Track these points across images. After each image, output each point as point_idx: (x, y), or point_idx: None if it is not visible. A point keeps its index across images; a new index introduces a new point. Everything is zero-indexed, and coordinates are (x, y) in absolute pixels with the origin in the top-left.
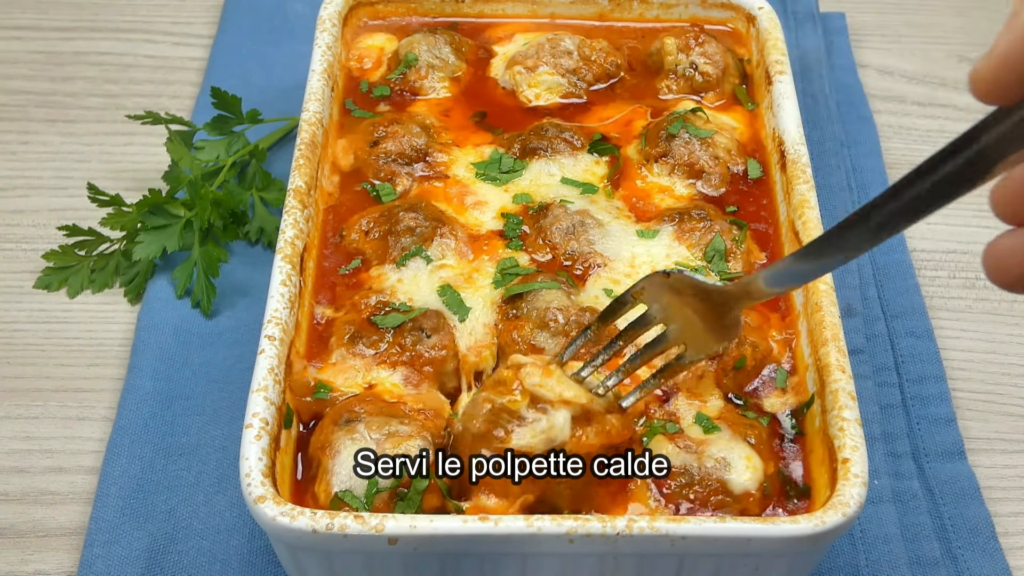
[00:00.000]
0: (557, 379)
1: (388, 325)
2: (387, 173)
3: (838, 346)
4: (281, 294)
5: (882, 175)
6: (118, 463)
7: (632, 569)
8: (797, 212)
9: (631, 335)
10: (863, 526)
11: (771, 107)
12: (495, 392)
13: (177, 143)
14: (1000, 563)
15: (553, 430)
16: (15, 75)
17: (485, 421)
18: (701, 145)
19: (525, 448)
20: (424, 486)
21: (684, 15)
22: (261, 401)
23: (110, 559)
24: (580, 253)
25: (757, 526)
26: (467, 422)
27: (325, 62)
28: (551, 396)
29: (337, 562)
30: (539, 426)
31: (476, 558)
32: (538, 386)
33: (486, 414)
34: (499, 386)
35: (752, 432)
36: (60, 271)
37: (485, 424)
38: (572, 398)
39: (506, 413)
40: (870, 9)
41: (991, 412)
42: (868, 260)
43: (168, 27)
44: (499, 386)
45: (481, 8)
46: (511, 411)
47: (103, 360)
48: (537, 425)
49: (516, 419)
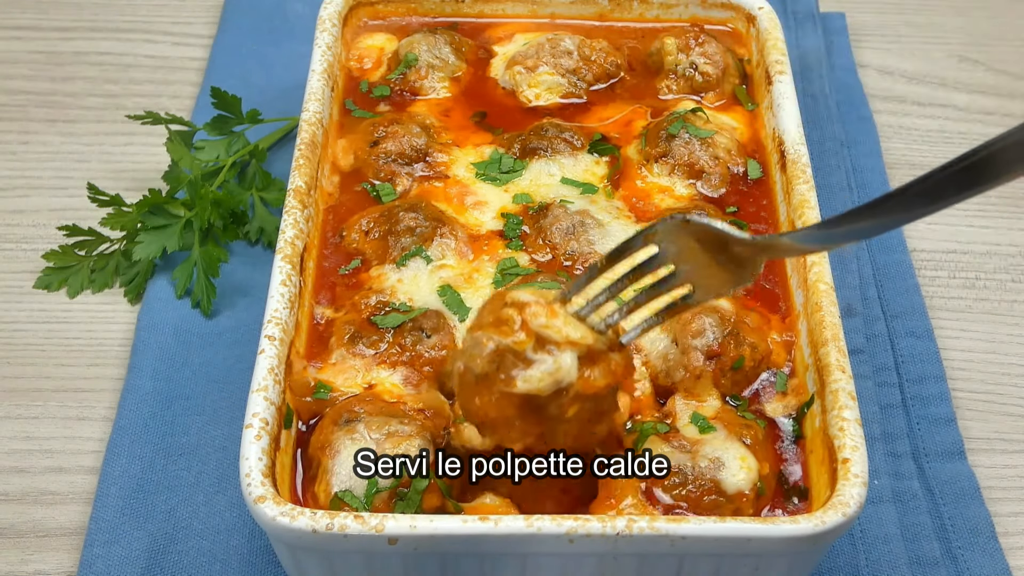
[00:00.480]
0: (564, 320)
1: (388, 325)
2: (387, 173)
3: (838, 346)
4: (281, 294)
5: (882, 175)
6: (118, 463)
7: (632, 569)
8: (797, 212)
9: (638, 274)
10: (863, 526)
11: (771, 107)
12: (498, 332)
13: (177, 143)
14: (1000, 563)
15: (560, 372)
16: (15, 75)
17: (489, 362)
18: (701, 145)
19: (532, 391)
20: (424, 486)
21: (684, 15)
22: (261, 401)
23: (110, 559)
24: (580, 253)
25: (757, 526)
26: (469, 361)
27: (325, 62)
28: (557, 337)
29: (337, 562)
30: (545, 367)
31: (476, 558)
32: (544, 327)
33: (489, 355)
34: (501, 325)
35: (748, 432)
36: (60, 271)
37: (489, 365)
38: (579, 339)
39: (511, 354)
40: (870, 9)
41: (991, 412)
42: (868, 260)
43: (168, 27)
44: (501, 325)
45: (481, 8)
46: (516, 352)
47: (103, 360)
48: (543, 367)
49: (522, 361)
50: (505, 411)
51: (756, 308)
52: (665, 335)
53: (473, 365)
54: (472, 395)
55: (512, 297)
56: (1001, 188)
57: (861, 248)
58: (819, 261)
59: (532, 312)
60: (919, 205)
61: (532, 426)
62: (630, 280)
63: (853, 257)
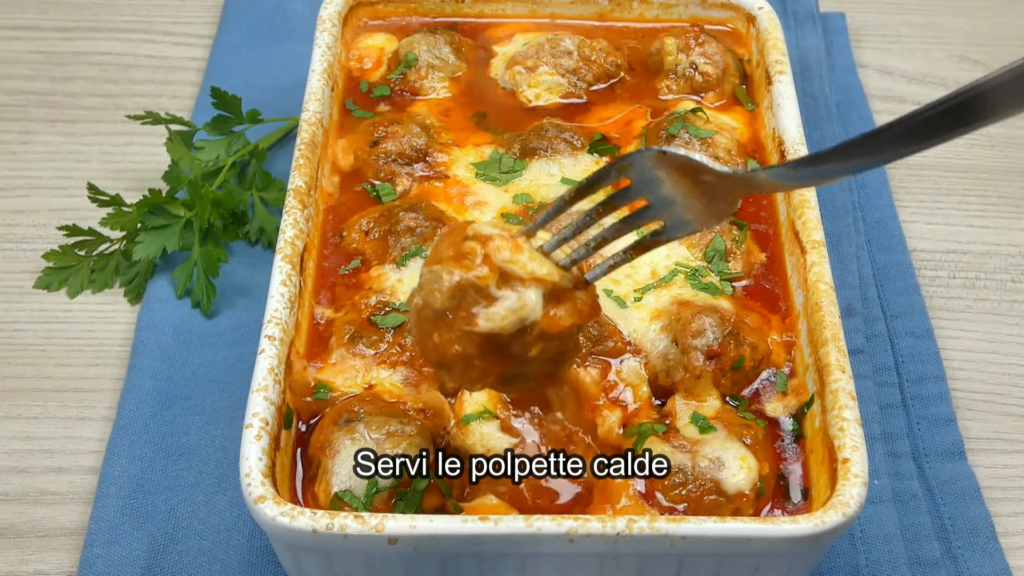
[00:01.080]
0: (529, 255)
1: (388, 325)
2: (387, 173)
3: (838, 346)
4: (281, 294)
5: (882, 175)
6: (118, 463)
7: (632, 569)
8: (797, 212)
9: (608, 208)
10: (863, 526)
11: (771, 107)
12: (459, 266)
13: (177, 143)
14: (1000, 563)
15: (525, 309)
16: (15, 75)
17: (449, 297)
18: (701, 145)
19: (495, 330)
20: (424, 486)
21: (684, 15)
22: (261, 401)
23: (110, 559)
24: None
25: (757, 526)
26: (427, 297)
27: (325, 62)
28: (522, 273)
29: (337, 562)
30: (509, 305)
31: (476, 558)
32: (508, 262)
33: (450, 290)
34: (462, 259)
35: (748, 432)
36: (60, 271)
37: (449, 300)
38: (544, 276)
39: (473, 290)
40: (870, 9)
41: (991, 412)
42: (868, 260)
43: (168, 27)
44: (462, 259)
45: (481, 8)
46: (478, 288)
47: (103, 360)
48: (507, 304)
49: (484, 297)
50: (465, 350)
51: (756, 308)
52: (665, 335)
53: (432, 300)
54: (430, 332)
55: (474, 230)
56: (1001, 188)
57: (861, 248)
58: (819, 261)
59: (496, 246)
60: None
61: (493, 366)
62: (598, 214)
63: (853, 257)
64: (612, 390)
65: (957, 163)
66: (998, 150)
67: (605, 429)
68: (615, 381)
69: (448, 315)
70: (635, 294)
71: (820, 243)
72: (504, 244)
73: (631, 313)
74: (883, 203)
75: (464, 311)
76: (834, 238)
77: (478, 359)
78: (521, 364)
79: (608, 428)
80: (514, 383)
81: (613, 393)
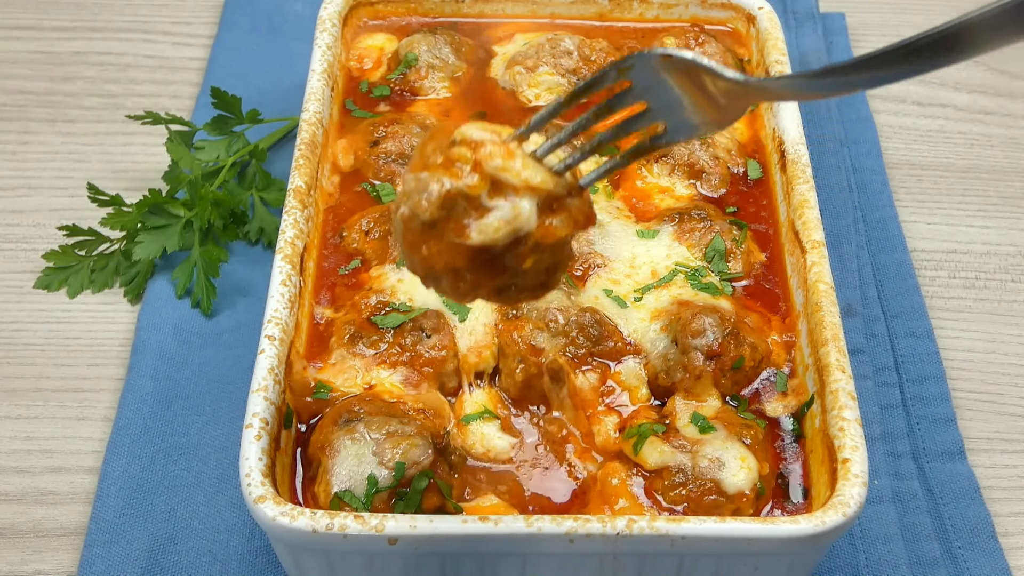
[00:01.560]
0: (522, 161)
1: (388, 325)
2: (387, 173)
3: (838, 346)
4: (281, 294)
5: (882, 175)
6: (118, 463)
7: (632, 569)
8: (797, 212)
9: (606, 111)
10: (863, 526)
11: (771, 107)
12: (448, 173)
13: (177, 143)
14: (1000, 563)
15: (518, 220)
16: (15, 75)
17: (438, 208)
18: (701, 145)
19: (488, 242)
20: (424, 486)
21: (684, 15)
22: (261, 401)
23: (110, 559)
24: (580, 253)
25: (757, 526)
26: (414, 207)
27: (325, 62)
28: (515, 181)
29: (337, 562)
30: (502, 215)
31: (476, 558)
32: (500, 169)
33: (439, 200)
34: (451, 165)
35: (748, 432)
36: (60, 271)
37: (438, 211)
38: (539, 184)
39: (463, 200)
40: (870, 9)
41: (991, 412)
42: (868, 260)
43: (168, 27)
44: (451, 165)
45: (481, 8)
46: (469, 198)
47: (103, 360)
48: (500, 214)
49: (475, 208)
50: (455, 263)
51: (756, 308)
52: (665, 335)
53: (419, 211)
54: (417, 245)
55: (463, 134)
56: (1001, 188)
57: (861, 248)
58: (819, 261)
59: (487, 152)
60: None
61: (484, 279)
62: (595, 117)
63: (853, 257)
64: (609, 395)
65: (957, 163)
66: (998, 150)
67: (603, 438)
68: (613, 387)
69: (437, 227)
70: (635, 294)
71: (820, 243)
72: (496, 150)
73: (631, 313)
74: (883, 203)
75: (454, 223)
76: (834, 238)
77: (469, 272)
78: (514, 276)
79: (606, 436)
80: (506, 294)
81: (611, 399)
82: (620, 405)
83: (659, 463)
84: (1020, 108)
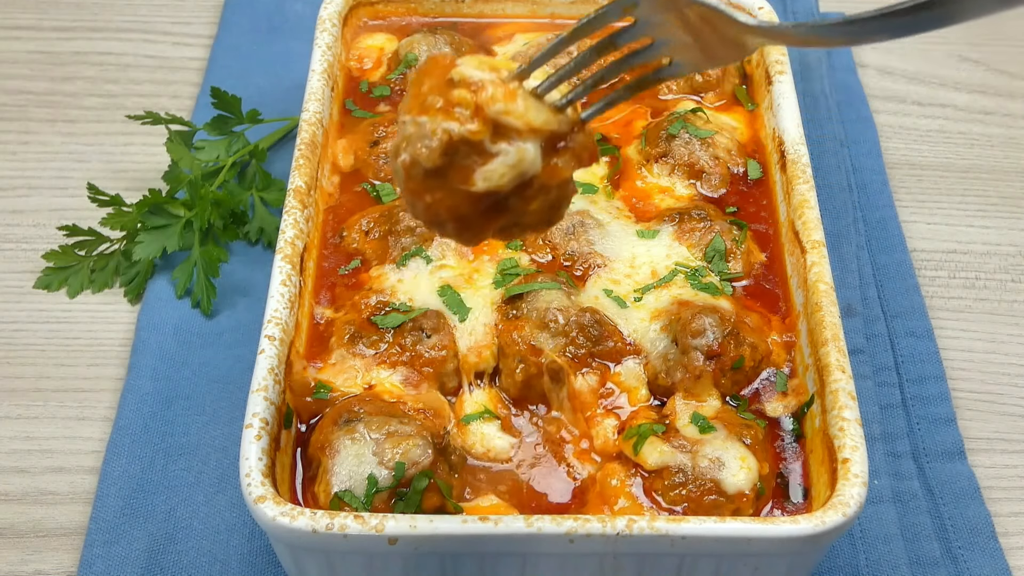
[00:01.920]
0: (524, 103)
1: (388, 325)
2: (387, 173)
3: (838, 346)
4: (281, 294)
5: (882, 175)
6: (118, 463)
7: (632, 569)
8: (797, 212)
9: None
10: (863, 526)
11: (771, 107)
12: (448, 118)
13: (177, 143)
14: (1000, 563)
15: (524, 164)
16: (15, 75)
17: (440, 155)
18: (701, 145)
19: (493, 188)
20: (424, 486)
21: None
22: (261, 401)
23: (110, 559)
24: (580, 253)
25: (757, 526)
26: (416, 154)
27: (325, 62)
28: (518, 124)
29: (337, 562)
30: (507, 160)
31: (476, 558)
32: (503, 113)
33: (440, 146)
34: (450, 109)
35: (748, 432)
36: (60, 271)
37: (441, 158)
38: (542, 125)
39: (465, 146)
40: (870, 8)
41: (991, 412)
42: (868, 260)
43: (168, 27)
44: (450, 109)
45: (481, 8)
46: (472, 143)
47: (103, 360)
48: (504, 159)
49: (479, 154)
50: (460, 209)
51: (756, 308)
52: (665, 335)
53: (420, 158)
54: (420, 193)
55: (461, 74)
56: (1001, 188)
57: (861, 248)
58: (819, 261)
59: (489, 95)
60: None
61: (489, 223)
62: (597, 53)
63: (853, 257)
64: (608, 397)
65: (957, 163)
66: (998, 150)
67: (602, 441)
68: (612, 389)
69: (440, 174)
70: (635, 294)
71: (820, 243)
72: (497, 92)
73: (631, 313)
74: (883, 203)
75: (458, 170)
76: (834, 238)
77: (475, 218)
78: (519, 215)
79: (604, 439)
80: (510, 232)
81: (609, 400)
82: (618, 407)
83: (659, 463)
84: (1020, 108)
